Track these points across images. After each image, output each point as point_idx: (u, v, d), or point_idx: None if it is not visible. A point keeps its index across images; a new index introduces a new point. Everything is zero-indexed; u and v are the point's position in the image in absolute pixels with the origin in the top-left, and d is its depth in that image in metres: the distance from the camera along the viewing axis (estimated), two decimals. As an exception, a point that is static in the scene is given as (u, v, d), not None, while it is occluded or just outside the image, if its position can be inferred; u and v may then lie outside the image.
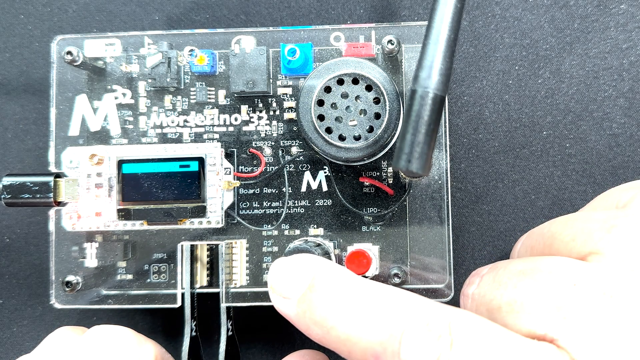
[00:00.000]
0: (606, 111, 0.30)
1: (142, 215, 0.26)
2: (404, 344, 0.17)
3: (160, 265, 0.28)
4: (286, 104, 0.28)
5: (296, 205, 0.28)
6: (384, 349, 0.17)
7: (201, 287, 0.28)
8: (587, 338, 0.16)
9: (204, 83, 0.28)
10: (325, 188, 0.28)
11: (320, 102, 0.26)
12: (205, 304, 0.29)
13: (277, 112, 0.28)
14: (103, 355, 0.22)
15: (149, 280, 0.28)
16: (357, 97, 0.25)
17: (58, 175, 0.26)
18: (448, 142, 0.28)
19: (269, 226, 0.28)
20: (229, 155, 0.28)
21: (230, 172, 0.27)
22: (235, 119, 0.28)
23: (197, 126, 0.28)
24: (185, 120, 0.28)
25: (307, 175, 0.28)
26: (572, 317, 0.16)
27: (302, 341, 0.31)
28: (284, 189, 0.28)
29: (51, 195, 0.26)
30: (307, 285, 0.20)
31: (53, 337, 0.24)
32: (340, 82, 0.26)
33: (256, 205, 0.28)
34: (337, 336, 0.18)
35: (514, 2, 0.31)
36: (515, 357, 0.16)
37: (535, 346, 0.16)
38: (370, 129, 0.25)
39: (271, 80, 0.28)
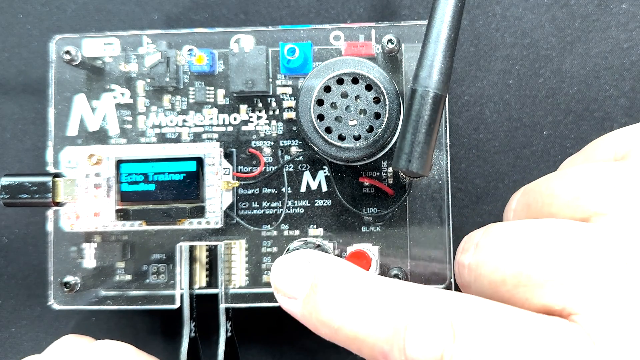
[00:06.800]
0: (607, 111, 0.30)
1: (140, 216, 0.26)
2: (408, 340, 0.16)
3: (159, 265, 0.28)
4: (285, 104, 0.28)
5: (295, 205, 0.28)
6: (391, 346, 0.17)
7: (200, 288, 0.27)
8: (602, 309, 0.15)
9: (203, 83, 0.28)
10: (324, 188, 0.28)
11: (320, 102, 0.25)
12: (204, 305, 0.29)
13: (277, 112, 0.28)
14: None
15: (147, 280, 0.28)
16: (356, 97, 0.25)
17: (56, 176, 0.26)
18: (448, 142, 0.27)
19: (269, 226, 0.28)
20: (228, 155, 0.28)
21: (229, 172, 0.27)
22: (235, 119, 0.28)
23: (196, 126, 0.28)
24: (184, 120, 0.28)
25: (307, 175, 0.28)
26: (585, 287, 0.16)
27: (302, 342, 0.31)
28: (283, 189, 0.28)
29: (49, 195, 0.25)
30: (310, 284, 0.19)
31: (60, 344, 0.24)
32: (340, 81, 0.25)
33: (255, 205, 0.28)
34: (345, 335, 0.18)
35: (514, 1, 0.31)
36: (522, 340, 0.15)
37: (543, 323, 0.16)
38: (370, 129, 0.25)
39: (270, 80, 0.28)
